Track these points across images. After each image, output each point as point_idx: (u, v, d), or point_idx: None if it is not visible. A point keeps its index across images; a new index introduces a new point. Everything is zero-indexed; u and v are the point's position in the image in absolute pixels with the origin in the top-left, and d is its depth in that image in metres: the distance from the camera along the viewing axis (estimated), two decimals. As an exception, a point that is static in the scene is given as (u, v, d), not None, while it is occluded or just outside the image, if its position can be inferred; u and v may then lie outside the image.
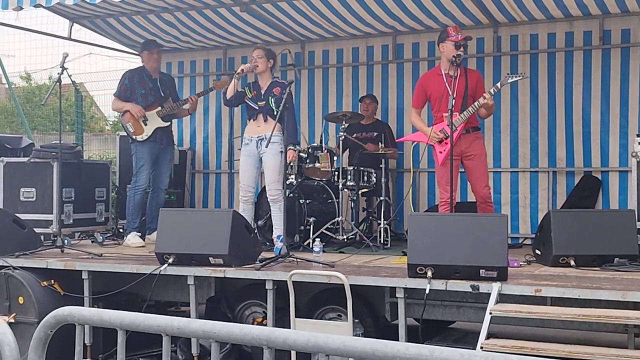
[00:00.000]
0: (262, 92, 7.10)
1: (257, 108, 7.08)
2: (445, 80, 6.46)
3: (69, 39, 9.16)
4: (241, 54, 9.73)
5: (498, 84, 6.43)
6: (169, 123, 7.99)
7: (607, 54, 8.00)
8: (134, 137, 7.79)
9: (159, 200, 7.95)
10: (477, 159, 6.53)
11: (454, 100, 6.07)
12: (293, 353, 5.22)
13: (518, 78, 6.42)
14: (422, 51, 8.86)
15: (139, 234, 7.76)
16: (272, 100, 7.02)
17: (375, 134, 8.38)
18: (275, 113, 6.84)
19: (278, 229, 6.88)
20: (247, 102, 7.16)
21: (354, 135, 8.39)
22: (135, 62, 9.94)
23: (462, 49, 6.38)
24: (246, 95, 7.16)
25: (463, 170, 6.81)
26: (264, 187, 8.01)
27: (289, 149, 6.96)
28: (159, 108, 7.88)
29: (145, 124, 7.78)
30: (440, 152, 6.49)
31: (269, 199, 7.05)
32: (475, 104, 6.38)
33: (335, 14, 8.31)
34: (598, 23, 7.99)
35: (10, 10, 6.86)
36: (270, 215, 7.45)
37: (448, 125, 6.08)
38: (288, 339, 2.21)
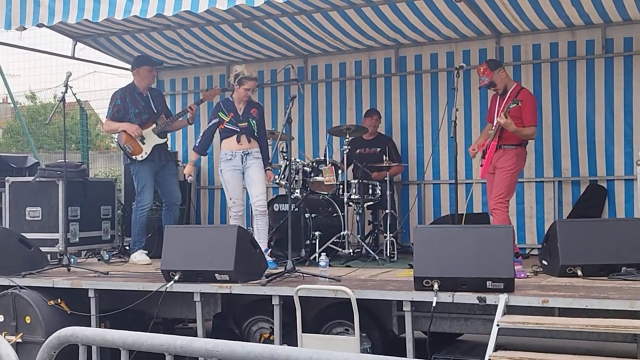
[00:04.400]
0: (240, 113, 7.09)
1: (239, 130, 7.05)
2: (497, 101, 6.84)
3: (73, 57, 9.18)
4: (244, 70, 9.74)
5: (506, 107, 6.55)
6: (165, 139, 7.92)
7: (610, 63, 7.99)
8: (133, 157, 7.67)
9: (175, 216, 7.89)
10: (497, 172, 6.71)
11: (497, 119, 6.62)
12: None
13: (514, 105, 6.54)
14: (425, 63, 8.87)
15: (146, 251, 7.73)
16: (253, 122, 7.08)
17: (378, 149, 8.37)
18: (255, 134, 7.10)
19: (264, 242, 6.93)
20: (225, 126, 7.08)
21: (357, 150, 8.40)
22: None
23: (490, 88, 6.86)
24: (224, 121, 7.08)
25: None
26: (270, 200, 8.01)
27: (268, 169, 7.09)
28: (154, 125, 7.77)
29: (143, 143, 7.67)
30: (481, 166, 6.87)
31: (257, 211, 6.98)
32: (497, 127, 6.63)
33: (337, 28, 8.33)
34: (600, 32, 7.99)
35: (14, 30, 6.92)
36: (276, 230, 7.44)
37: (487, 143, 6.70)
38: (291, 357, 2.20)
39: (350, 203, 7.70)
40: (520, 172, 8.17)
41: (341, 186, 7.62)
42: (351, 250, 7.41)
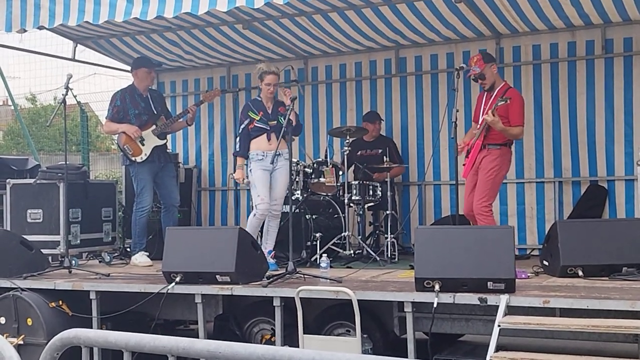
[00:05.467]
0: (270, 111, 7.05)
1: (269, 128, 7.00)
2: (484, 98, 6.77)
3: (73, 59, 9.19)
4: (244, 71, 9.77)
5: (494, 105, 6.51)
6: (165, 140, 7.92)
7: (610, 63, 7.99)
8: (133, 158, 7.67)
9: (174, 218, 7.91)
10: (480, 173, 6.66)
11: (482, 117, 6.61)
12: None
13: (502, 102, 6.47)
14: (425, 64, 8.88)
15: (147, 253, 7.73)
16: (282, 119, 6.97)
17: (380, 150, 8.37)
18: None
19: (272, 244, 6.99)
20: (256, 125, 7.02)
21: (359, 152, 8.41)
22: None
23: (478, 80, 6.77)
24: (254, 120, 7.01)
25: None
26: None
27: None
28: (154, 126, 7.78)
29: (143, 144, 7.67)
30: (464, 165, 6.80)
31: (271, 214, 6.98)
32: (482, 123, 6.58)
33: (337, 29, 8.33)
34: (600, 32, 7.99)
35: (14, 33, 6.93)
36: (277, 231, 7.45)
37: (472, 142, 6.63)
38: (293, 358, 2.20)
39: (351, 204, 7.70)
40: (520, 173, 8.26)
41: (342, 187, 7.62)
42: (352, 252, 7.42)
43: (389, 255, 7.37)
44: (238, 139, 7.14)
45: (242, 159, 7.10)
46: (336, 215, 7.68)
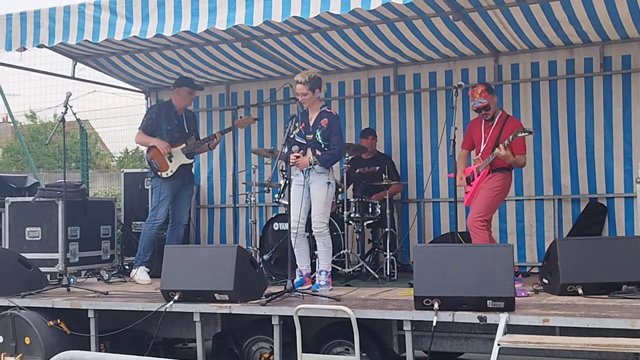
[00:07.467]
0: (311, 124, 6.67)
1: (305, 142, 6.65)
2: (482, 127, 6.80)
3: (73, 77, 9.21)
4: (243, 89, 9.80)
5: (510, 137, 6.46)
6: (192, 160, 8.03)
7: (609, 81, 8.01)
8: (158, 173, 7.76)
9: (179, 235, 7.96)
10: (481, 191, 6.68)
11: (484, 145, 6.70)
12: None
13: (525, 134, 6.45)
14: (424, 82, 8.89)
15: (147, 269, 7.71)
16: (319, 133, 6.67)
17: (377, 167, 8.37)
18: (323, 147, 6.65)
19: (323, 264, 6.68)
20: (294, 138, 6.69)
21: (357, 170, 8.41)
22: (138, 99, 10.01)
23: (482, 111, 6.72)
24: (295, 130, 6.70)
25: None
26: (270, 219, 8.03)
27: (315, 157, 6.60)
28: (183, 145, 7.88)
29: (170, 161, 7.76)
30: (466, 193, 6.82)
31: (314, 232, 6.69)
32: (491, 155, 6.60)
33: (335, 47, 8.35)
34: (598, 50, 8.02)
35: (14, 51, 6.95)
36: (276, 249, 7.46)
37: (475, 169, 6.69)
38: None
39: (350, 222, 7.69)
40: (519, 190, 8.24)
41: (341, 205, 7.61)
42: (351, 269, 7.39)
43: (388, 273, 7.36)
44: (284, 145, 6.68)
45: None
46: (335, 233, 7.66)
